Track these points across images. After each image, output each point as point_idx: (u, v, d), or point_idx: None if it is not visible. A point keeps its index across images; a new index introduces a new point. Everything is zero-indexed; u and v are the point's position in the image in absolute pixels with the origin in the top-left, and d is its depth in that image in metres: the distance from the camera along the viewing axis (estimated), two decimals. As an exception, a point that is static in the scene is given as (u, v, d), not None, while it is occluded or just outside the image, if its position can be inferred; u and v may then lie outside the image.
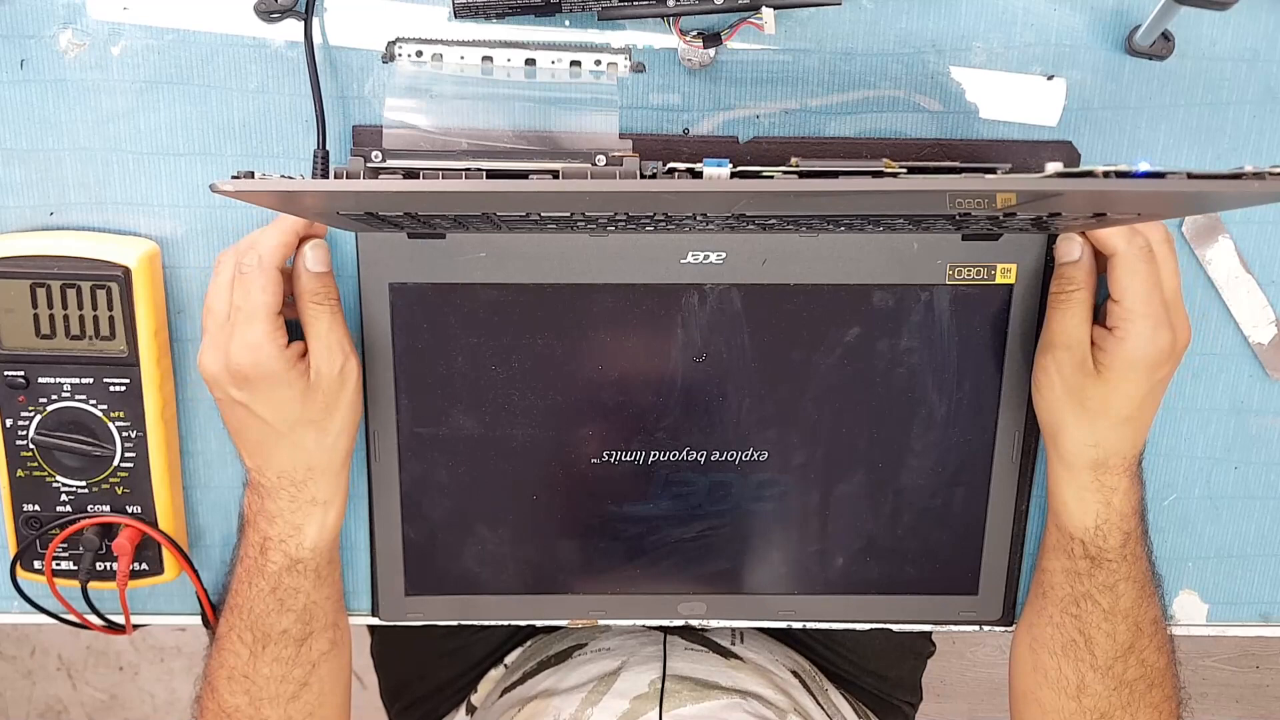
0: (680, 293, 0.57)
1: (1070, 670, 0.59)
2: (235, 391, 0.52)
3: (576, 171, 0.42)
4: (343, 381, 0.53)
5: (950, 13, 0.54)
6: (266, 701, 0.56)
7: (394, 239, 0.56)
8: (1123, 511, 0.56)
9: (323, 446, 0.54)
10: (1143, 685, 0.58)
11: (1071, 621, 0.58)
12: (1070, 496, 0.57)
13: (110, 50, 0.54)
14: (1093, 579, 0.57)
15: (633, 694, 0.66)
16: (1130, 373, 0.52)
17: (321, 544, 0.56)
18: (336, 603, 0.59)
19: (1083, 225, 0.51)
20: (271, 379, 0.51)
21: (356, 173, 0.45)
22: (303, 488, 0.54)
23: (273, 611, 0.55)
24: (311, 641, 0.57)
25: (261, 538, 0.55)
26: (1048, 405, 0.56)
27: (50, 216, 0.57)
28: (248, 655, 0.56)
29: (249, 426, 0.53)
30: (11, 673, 1.62)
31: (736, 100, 0.55)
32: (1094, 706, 0.58)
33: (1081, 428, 0.54)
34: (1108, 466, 0.55)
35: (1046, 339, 0.54)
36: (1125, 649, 0.58)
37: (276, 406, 0.52)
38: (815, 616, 0.65)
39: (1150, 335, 0.51)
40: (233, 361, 0.50)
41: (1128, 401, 0.53)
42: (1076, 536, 0.57)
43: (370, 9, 0.53)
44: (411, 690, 0.87)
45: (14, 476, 0.57)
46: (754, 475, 0.61)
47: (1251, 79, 0.56)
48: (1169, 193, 0.36)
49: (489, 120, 0.55)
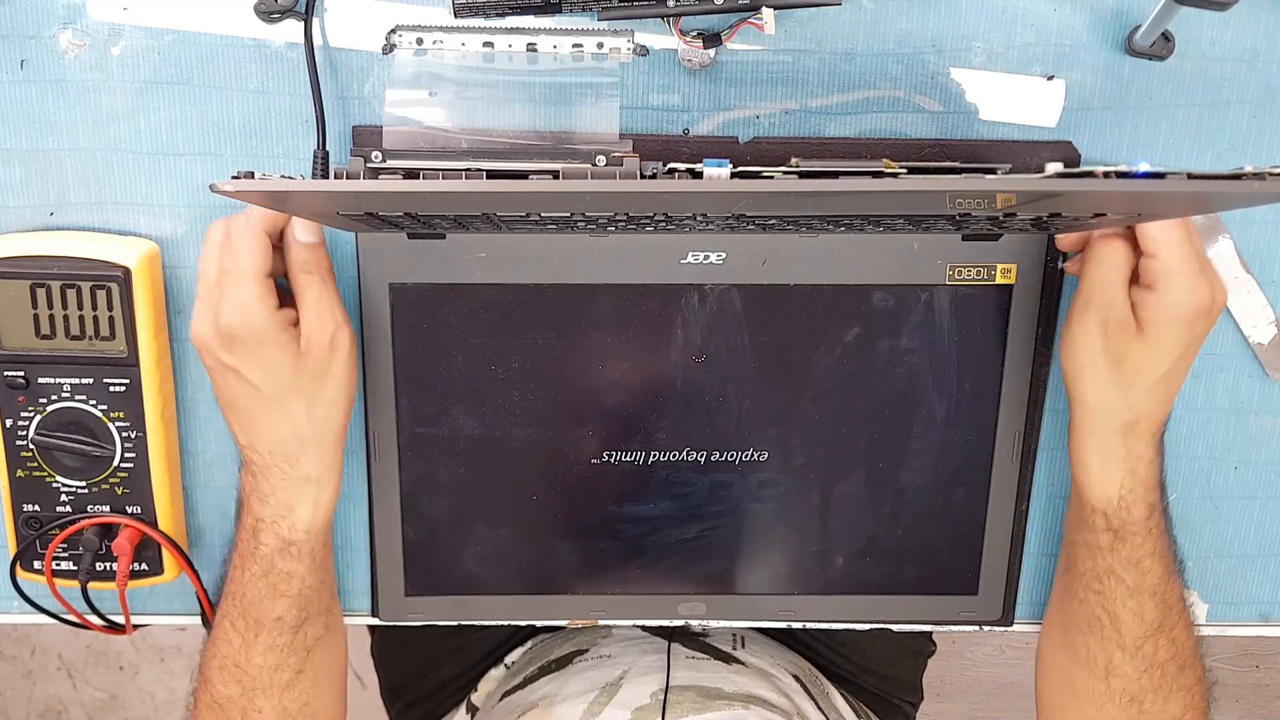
0: (680, 293, 0.57)
1: (1098, 649, 0.57)
2: (225, 355, 0.51)
3: (576, 172, 0.42)
4: (334, 350, 0.52)
5: (950, 13, 0.54)
6: (260, 691, 0.56)
7: (394, 239, 0.56)
8: (1147, 483, 0.55)
9: (314, 418, 0.53)
10: (1174, 667, 0.57)
11: (1095, 598, 0.57)
12: (1095, 465, 0.55)
13: (110, 50, 0.54)
14: (1115, 554, 0.56)
15: (635, 705, 0.65)
16: (1172, 327, 0.51)
17: (315, 526, 0.55)
18: (330, 588, 0.59)
19: (1083, 225, 0.51)
20: (261, 341, 0.50)
21: (356, 173, 0.45)
22: (294, 463, 0.54)
23: (265, 597, 0.55)
24: (306, 628, 0.56)
25: (254, 520, 0.54)
26: (1081, 367, 0.54)
27: (50, 216, 0.57)
28: (240, 643, 0.55)
29: (240, 395, 0.52)
30: (11, 673, 1.62)
31: (736, 100, 0.55)
32: (1124, 689, 0.57)
33: (1116, 388, 0.53)
34: (1136, 431, 0.54)
35: (1083, 298, 0.53)
36: (1154, 628, 0.56)
37: (266, 371, 0.51)
38: (815, 617, 0.65)
39: (1191, 288, 0.50)
40: (221, 323, 0.50)
41: (1167, 358, 0.52)
42: (1099, 508, 0.55)
43: (370, 9, 0.53)
44: (412, 689, 0.87)
45: (14, 476, 0.57)
46: (754, 475, 0.61)
47: (1251, 79, 0.56)
48: (1169, 193, 0.36)
49: (490, 118, 0.55)
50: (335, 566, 0.61)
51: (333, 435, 0.54)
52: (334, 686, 0.60)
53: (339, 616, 0.61)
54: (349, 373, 0.54)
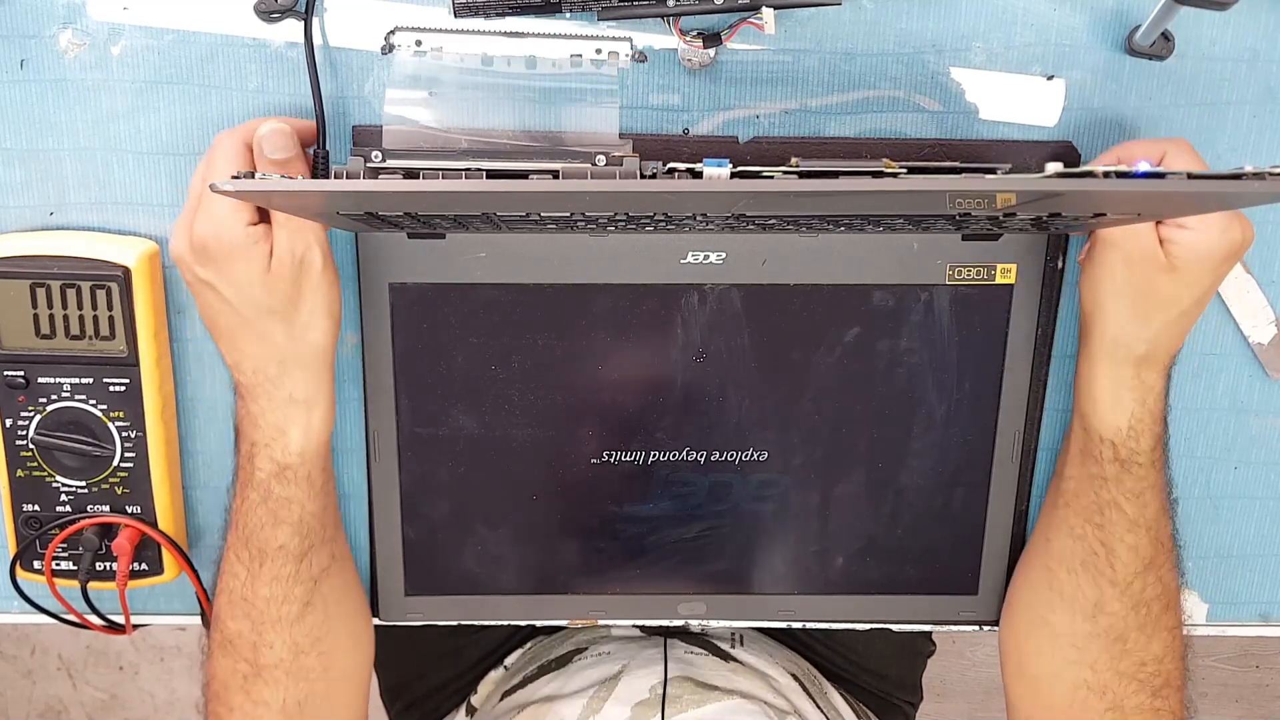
0: (680, 293, 0.57)
1: (1089, 585, 0.57)
2: (199, 269, 0.50)
3: (576, 172, 0.42)
4: (305, 269, 0.51)
5: (950, 13, 0.54)
6: (269, 624, 0.55)
7: (394, 239, 0.56)
8: (1155, 414, 0.55)
9: (291, 338, 0.52)
10: (1159, 606, 0.57)
11: (1094, 532, 0.57)
12: (1106, 395, 0.55)
13: (110, 50, 0.54)
14: (1120, 485, 0.56)
15: (634, 700, 0.65)
16: (1204, 265, 0.51)
17: (309, 449, 0.54)
18: (334, 516, 0.58)
19: (1083, 225, 0.51)
20: (232, 253, 0.49)
21: (356, 173, 0.45)
22: (278, 384, 0.53)
23: (266, 525, 0.54)
24: (311, 557, 0.55)
25: (249, 445, 0.54)
26: (1102, 299, 0.54)
27: (50, 216, 0.57)
28: (245, 575, 0.55)
29: (219, 312, 0.52)
30: (11, 673, 1.62)
31: (736, 100, 0.55)
32: (1110, 627, 0.57)
33: (1136, 321, 0.54)
34: (1151, 361, 0.54)
35: (1109, 237, 0.53)
36: (1146, 564, 0.56)
37: (239, 287, 0.50)
38: (815, 616, 0.65)
39: (1226, 226, 0.50)
40: (195, 234, 0.50)
41: (1192, 294, 0.52)
42: (1107, 438, 0.56)
43: (370, 9, 0.53)
44: (411, 689, 0.87)
45: (14, 476, 0.57)
46: (754, 475, 0.61)
47: (1251, 79, 0.56)
48: (1169, 193, 0.36)
49: (489, 118, 0.55)
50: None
51: (314, 356, 0.54)
52: (348, 623, 0.59)
53: (346, 548, 0.60)
54: (324, 292, 0.53)
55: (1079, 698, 0.58)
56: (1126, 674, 0.57)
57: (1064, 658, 0.58)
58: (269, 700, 0.56)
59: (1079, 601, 0.58)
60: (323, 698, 0.57)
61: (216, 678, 0.57)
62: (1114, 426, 0.56)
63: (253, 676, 0.56)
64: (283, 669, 0.56)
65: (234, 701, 0.56)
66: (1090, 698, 0.58)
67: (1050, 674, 0.59)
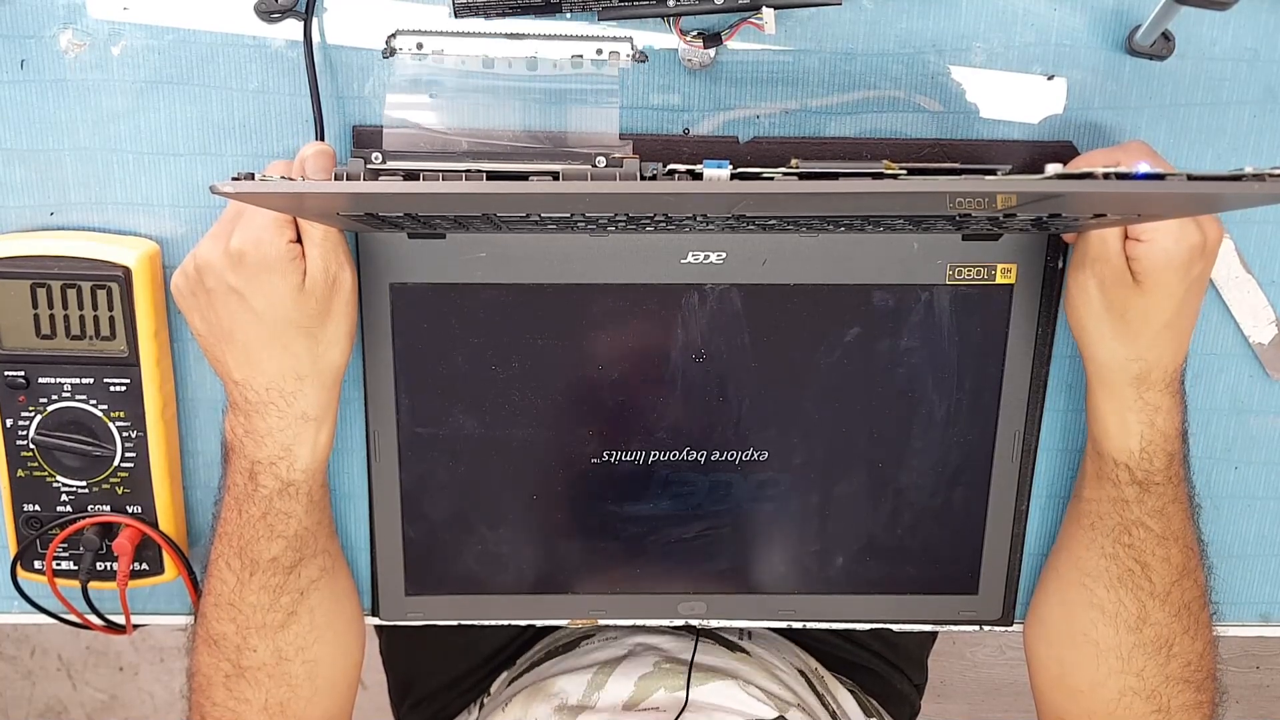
0: (680, 293, 0.57)
1: (1130, 600, 0.57)
2: (230, 276, 0.51)
3: (576, 173, 0.42)
4: (336, 289, 0.52)
5: (950, 13, 0.54)
6: (254, 630, 0.56)
7: (394, 239, 0.56)
8: (1166, 432, 0.55)
9: (313, 355, 0.53)
10: (1198, 606, 0.57)
11: (1126, 551, 0.57)
12: (1112, 419, 0.56)
13: (110, 50, 0.54)
14: (1142, 505, 0.56)
15: (638, 674, 0.66)
16: (1166, 275, 0.51)
17: (314, 466, 0.55)
18: (328, 529, 0.58)
19: (1083, 225, 0.51)
20: (269, 264, 0.50)
21: (356, 174, 0.45)
22: (292, 400, 0.53)
23: (262, 538, 0.55)
24: (301, 569, 0.56)
25: (250, 463, 0.54)
26: (1085, 323, 0.54)
27: (50, 216, 0.57)
28: (235, 582, 0.55)
29: (242, 323, 0.52)
30: (11, 673, 1.62)
31: (736, 100, 0.55)
32: (1156, 636, 0.57)
33: (1122, 341, 0.54)
34: (1149, 381, 0.54)
35: (1079, 256, 0.53)
36: (1180, 571, 0.57)
37: (270, 299, 0.51)
38: (815, 616, 0.65)
39: (1179, 234, 0.50)
40: (233, 245, 0.50)
41: (1167, 305, 0.52)
42: (1121, 461, 0.56)
43: (370, 9, 0.53)
44: (423, 685, 0.86)
45: (14, 476, 0.58)
46: (754, 475, 0.61)
47: (1251, 79, 0.56)
48: (1169, 194, 0.36)
49: (489, 119, 0.55)
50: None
51: (331, 375, 0.54)
52: (335, 634, 0.59)
53: (338, 557, 0.60)
54: (349, 313, 0.54)
55: (1124, 703, 0.58)
56: (1174, 677, 0.58)
57: (1109, 668, 0.59)
58: (251, 698, 0.57)
59: (1122, 616, 0.58)
60: (306, 701, 0.58)
61: (200, 672, 0.58)
62: (1126, 450, 0.56)
63: (235, 676, 0.56)
64: (265, 672, 0.57)
65: (217, 697, 0.57)
66: (1136, 702, 0.58)
67: (1094, 684, 0.59)
